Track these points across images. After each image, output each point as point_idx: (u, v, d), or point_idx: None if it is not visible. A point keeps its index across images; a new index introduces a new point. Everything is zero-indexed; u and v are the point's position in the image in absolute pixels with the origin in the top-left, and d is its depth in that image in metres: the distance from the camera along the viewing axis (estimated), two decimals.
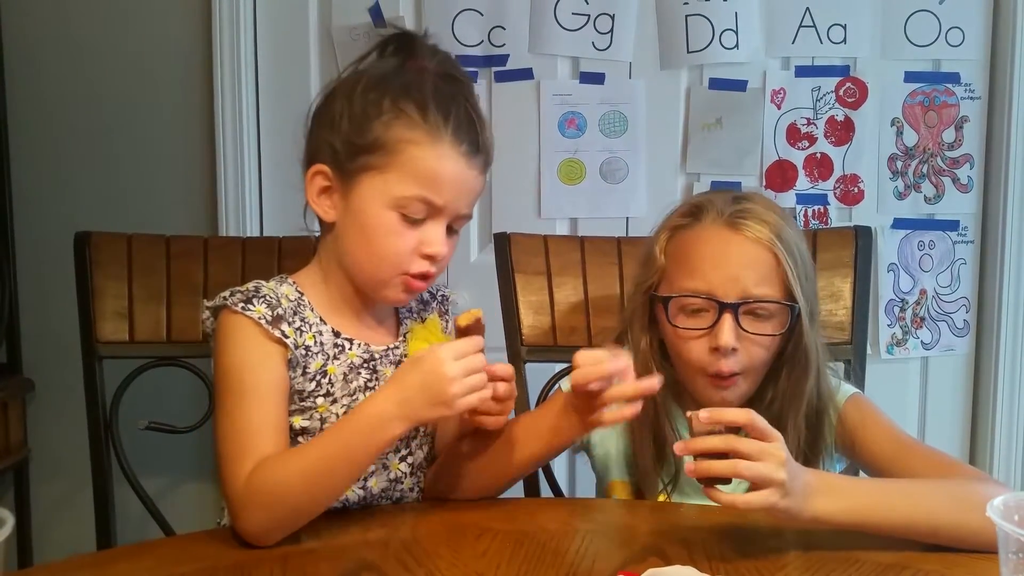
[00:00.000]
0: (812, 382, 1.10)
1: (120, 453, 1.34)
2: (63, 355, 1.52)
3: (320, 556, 0.93)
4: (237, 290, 1.02)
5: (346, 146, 1.01)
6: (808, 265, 1.11)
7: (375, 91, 1.01)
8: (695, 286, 1.08)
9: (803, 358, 1.09)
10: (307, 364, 1.03)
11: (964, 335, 1.79)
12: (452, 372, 0.93)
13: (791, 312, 1.07)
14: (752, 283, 1.06)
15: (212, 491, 1.85)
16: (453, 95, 1.02)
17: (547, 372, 1.38)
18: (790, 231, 1.09)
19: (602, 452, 1.19)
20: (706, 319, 1.07)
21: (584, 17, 1.71)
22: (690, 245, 1.10)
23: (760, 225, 1.07)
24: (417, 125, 0.99)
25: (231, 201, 1.80)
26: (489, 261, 1.43)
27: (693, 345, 1.08)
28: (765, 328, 1.07)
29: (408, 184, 0.99)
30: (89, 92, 1.84)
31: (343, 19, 1.75)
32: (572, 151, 1.74)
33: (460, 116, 1.01)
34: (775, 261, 1.07)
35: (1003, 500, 0.72)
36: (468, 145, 1.01)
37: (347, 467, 0.96)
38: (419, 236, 1.01)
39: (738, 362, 1.07)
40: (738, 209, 1.09)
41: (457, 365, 0.93)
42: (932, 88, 1.74)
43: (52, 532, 1.91)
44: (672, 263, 1.12)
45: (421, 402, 0.94)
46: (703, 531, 0.96)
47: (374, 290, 1.05)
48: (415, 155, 0.99)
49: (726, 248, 1.08)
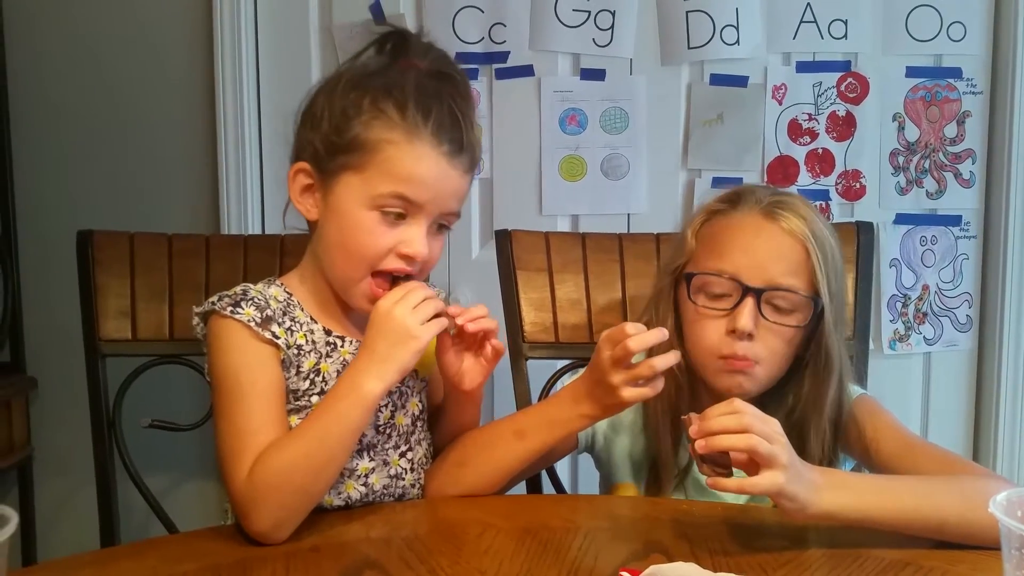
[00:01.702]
0: (834, 388, 1.09)
1: (123, 451, 1.34)
2: (66, 353, 1.52)
3: (323, 554, 0.93)
4: (225, 294, 1.03)
5: (326, 145, 1.02)
6: (839, 269, 1.11)
7: (356, 90, 1.02)
8: (721, 267, 1.08)
9: (826, 361, 1.08)
10: (300, 363, 1.03)
11: (967, 330, 1.79)
12: (403, 309, 0.97)
13: (814, 308, 1.07)
14: (779, 273, 1.06)
15: (215, 488, 1.85)
16: (438, 93, 1.02)
17: (549, 369, 1.38)
18: (825, 231, 1.10)
19: (607, 454, 1.19)
20: (727, 302, 1.07)
21: (584, 13, 1.71)
22: (723, 229, 1.11)
23: (796, 218, 1.08)
24: (395, 124, 0.99)
25: (233, 199, 1.80)
26: (490, 258, 1.43)
27: (710, 325, 1.08)
28: (786, 320, 1.07)
29: (385, 183, 0.99)
30: (91, 90, 1.84)
31: (344, 16, 1.75)
32: (573, 148, 1.74)
33: (442, 115, 1.01)
34: (805, 255, 1.07)
35: (1006, 496, 0.72)
36: (449, 144, 1.01)
37: (339, 437, 0.97)
38: (398, 236, 1.01)
39: (753, 351, 1.06)
40: (776, 200, 1.10)
41: (405, 303, 0.98)
42: (934, 83, 1.73)
43: (56, 530, 1.92)
44: (702, 246, 1.12)
45: (387, 348, 0.96)
46: (706, 527, 0.96)
47: (344, 291, 1.05)
48: (392, 155, 0.99)
49: (758, 235, 1.08)
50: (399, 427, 1.09)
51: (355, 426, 0.98)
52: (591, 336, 1.37)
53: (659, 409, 1.12)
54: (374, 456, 1.07)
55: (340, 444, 0.98)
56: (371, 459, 1.07)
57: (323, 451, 0.96)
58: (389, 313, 0.97)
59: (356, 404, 0.97)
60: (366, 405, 0.97)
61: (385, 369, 0.97)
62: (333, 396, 0.98)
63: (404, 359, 0.97)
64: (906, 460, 1.05)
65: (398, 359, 0.97)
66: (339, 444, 0.97)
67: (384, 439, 1.08)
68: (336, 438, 0.97)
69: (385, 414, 1.08)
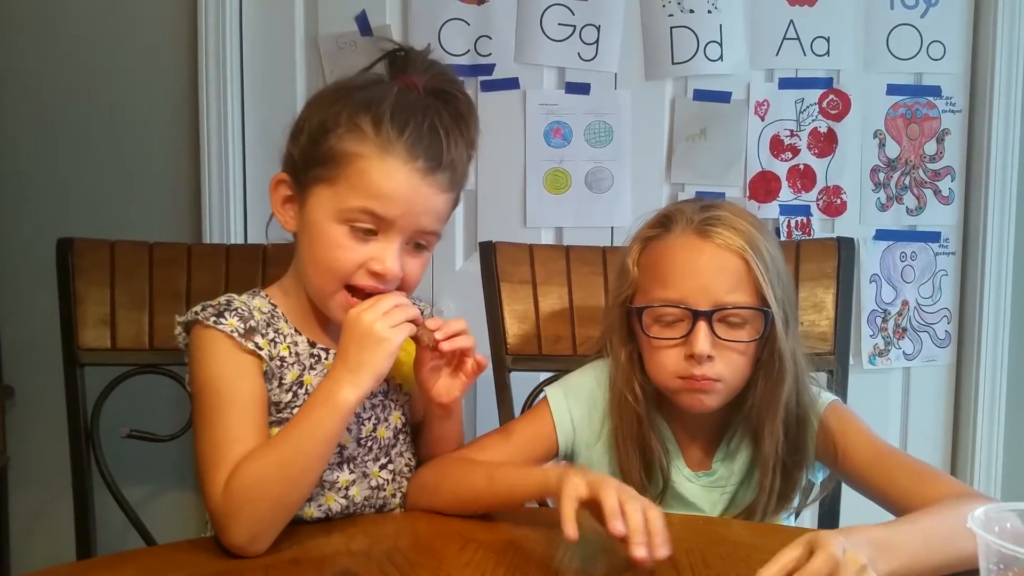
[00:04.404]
0: (788, 389, 1.09)
1: (101, 461, 1.33)
2: (44, 362, 1.51)
3: (303, 566, 0.92)
4: (208, 304, 1.02)
5: (303, 156, 1.02)
6: (782, 271, 1.11)
7: (337, 104, 1.02)
8: (667, 295, 1.08)
9: (778, 364, 1.08)
10: (283, 375, 1.03)
11: (945, 346, 1.81)
12: (372, 315, 0.96)
13: (765, 318, 1.07)
14: (724, 291, 1.07)
15: (194, 500, 1.83)
16: (424, 108, 1.01)
17: (532, 381, 1.38)
18: (761, 237, 1.09)
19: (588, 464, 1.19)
20: (681, 328, 1.07)
21: (570, 28, 1.72)
22: (661, 255, 1.10)
23: (730, 232, 1.07)
24: (368, 139, 0.99)
25: (215, 208, 1.79)
26: (474, 269, 1.43)
27: (669, 354, 1.08)
28: (740, 335, 1.07)
29: (354, 197, 0.99)
30: (73, 97, 1.83)
31: (329, 27, 1.76)
32: (557, 160, 1.75)
33: (421, 130, 1.00)
34: (746, 267, 1.07)
35: (984, 511, 0.73)
36: (425, 160, 0.99)
37: (315, 446, 0.96)
38: (368, 252, 1.00)
39: (715, 370, 1.07)
40: (707, 217, 1.09)
41: (375, 308, 0.97)
42: (914, 101, 1.75)
43: (31, 541, 1.89)
44: (644, 274, 1.12)
45: (358, 354, 0.96)
46: (686, 540, 0.96)
47: (321, 303, 1.05)
48: (362, 168, 0.99)
49: (696, 256, 1.08)
50: (380, 440, 1.09)
51: (331, 434, 0.97)
52: (574, 348, 1.37)
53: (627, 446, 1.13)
54: (354, 468, 1.06)
55: (316, 453, 0.97)
56: (351, 471, 1.06)
57: (299, 460, 0.95)
58: (358, 319, 0.97)
59: (332, 412, 0.96)
60: (342, 413, 0.96)
61: (359, 376, 0.96)
62: (309, 405, 0.98)
63: (377, 364, 0.96)
64: (877, 470, 1.05)
65: (370, 364, 0.96)
66: (315, 453, 0.96)
67: (364, 451, 1.07)
68: (312, 446, 0.96)
69: (367, 427, 1.07)
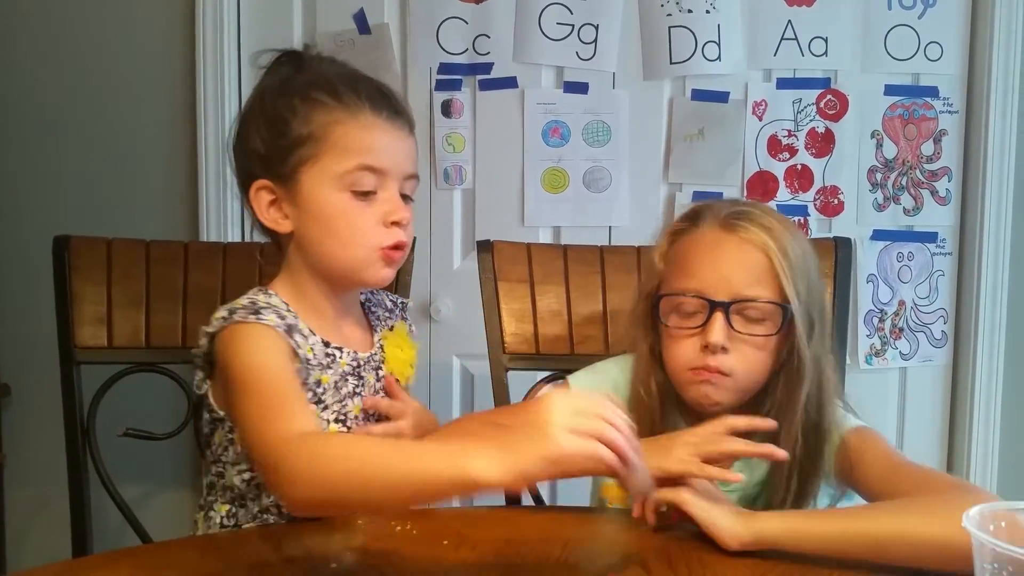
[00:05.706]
0: (807, 393, 1.08)
1: (97, 459, 1.33)
2: (40, 360, 1.50)
3: (298, 565, 0.92)
4: (236, 307, 1.00)
5: (275, 151, 1.03)
6: (812, 275, 1.11)
7: (282, 96, 1.04)
8: (687, 285, 1.08)
9: (797, 365, 1.08)
10: (307, 376, 1.02)
11: (942, 346, 1.81)
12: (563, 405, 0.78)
13: (783, 314, 1.07)
14: (744, 284, 1.07)
15: (190, 498, 1.83)
16: (356, 76, 1.06)
17: (529, 380, 1.38)
18: (789, 236, 1.09)
19: None
20: (698, 319, 1.08)
21: (568, 27, 1.72)
22: (686, 248, 1.11)
23: (754, 227, 1.07)
24: (333, 107, 1.02)
25: (212, 206, 1.79)
26: (472, 268, 1.43)
27: (684, 344, 1.08)
28: (757, 329, 1.07)
29: (346, 159, 1.01)
30: (70, 95, 1.83)
31: (328, 26, 1.75)
32: (556, 160, 1.75)
33: (371, 88, 1.04)
34: (768, 263, 1.07)
35: (979, 510, 0.72)
36: (387, 111, 1.04)
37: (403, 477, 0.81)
38: (377, 209, 1.02)
39: (727, 363, 1.07)
40: (734, 211, 1.10)
41: (572, 399, 0.80)
42: (911, 101, 1.76)
43: (27, 539, 1.89)
44: (669, 267, 1.13)
45: (516, 438, 0.77)
46: (685, 540, 0.96)
47: (355, 275, 1.05)
48: (342, 132, 1.01)
49: (719, 248, 1.08)
50: None
51: (431, 490, 0.81)
52: (571, 347, 1.37)
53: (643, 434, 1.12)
54: None
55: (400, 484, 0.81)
56: None
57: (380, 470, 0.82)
58: (547, 407, 0.78)
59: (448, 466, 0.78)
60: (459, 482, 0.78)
61: (505, 453, 0.76)
62: (436, 451, 0.85)
63: (527, 454, 0.76)
64: (887, 482, 1.04)
65: (522, 454, 0.76)
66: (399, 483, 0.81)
67: None
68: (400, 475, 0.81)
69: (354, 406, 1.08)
